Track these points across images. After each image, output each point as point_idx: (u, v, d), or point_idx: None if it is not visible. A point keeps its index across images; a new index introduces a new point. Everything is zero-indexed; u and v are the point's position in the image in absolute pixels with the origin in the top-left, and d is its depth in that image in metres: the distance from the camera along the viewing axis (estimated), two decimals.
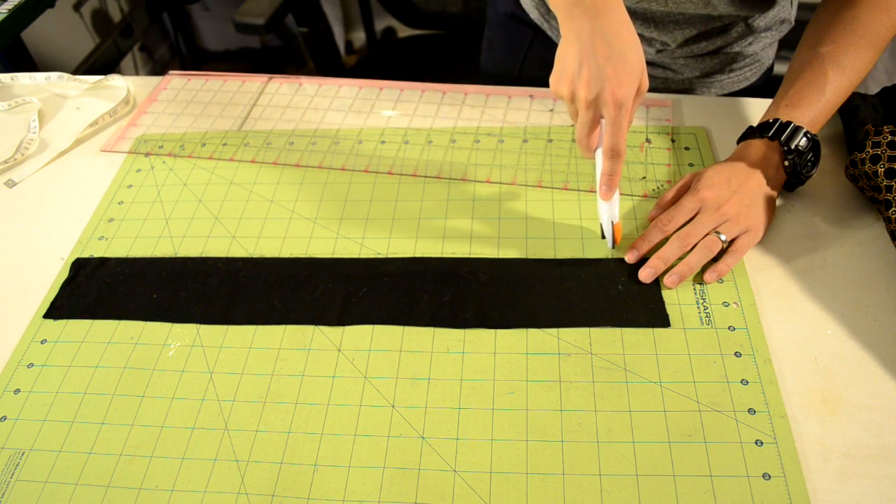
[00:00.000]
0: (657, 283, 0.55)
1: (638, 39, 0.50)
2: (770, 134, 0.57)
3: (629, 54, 0.49)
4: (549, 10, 0.78)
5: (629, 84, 0.49)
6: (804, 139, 0.56)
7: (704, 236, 0.55)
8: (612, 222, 0.55)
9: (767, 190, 0.56)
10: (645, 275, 0.55)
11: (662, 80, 0.80)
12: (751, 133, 0.59)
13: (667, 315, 0.53)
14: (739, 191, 0.55)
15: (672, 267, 0.55)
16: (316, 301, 0.57)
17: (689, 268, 0.54)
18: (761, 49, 0.78)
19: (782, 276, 0.55)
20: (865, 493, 0.43)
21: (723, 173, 0.57)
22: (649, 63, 0.78)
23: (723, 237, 0.54)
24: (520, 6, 0.82)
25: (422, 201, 0.64)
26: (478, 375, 0.51)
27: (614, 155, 0.52)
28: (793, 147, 0.56)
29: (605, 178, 0.53)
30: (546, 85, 0.55)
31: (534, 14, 0.80)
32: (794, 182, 0.59)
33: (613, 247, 0.57)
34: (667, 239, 0.56)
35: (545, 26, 0.81)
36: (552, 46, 0.81)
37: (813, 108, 0.57)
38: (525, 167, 0.67)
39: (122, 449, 0.49)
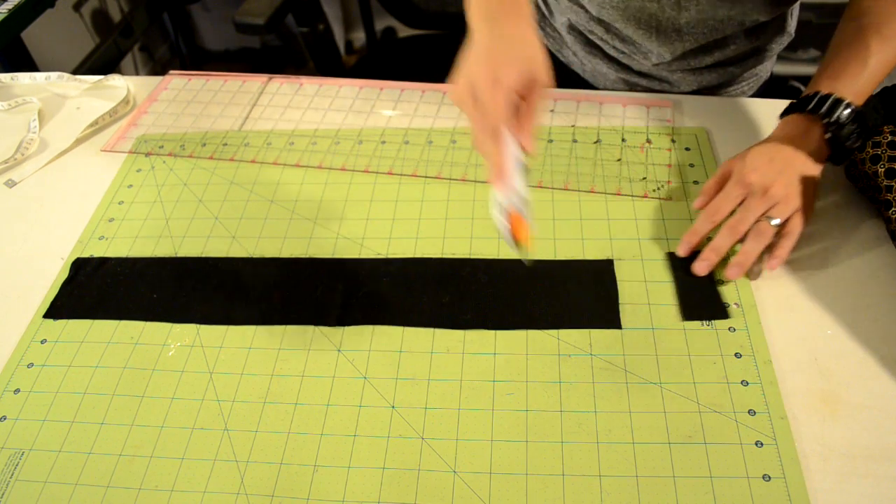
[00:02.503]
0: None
1: (537, 39, 0.48)
2: (810, 107, 0.55)
3: (519, 44, 0.47)
4: (554, 29, 0.78)
5: (509, 64, 0.45)
6: (846, 110, 0.54)
7: (756, 222, 0.53)
8: (509, 212, 0.46)
9: (812, 166, 0.55)
10: (700, 268, 0.54)
11: (658, 94, 0.80)
12: (791, 108, 0.58)
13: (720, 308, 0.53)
14: (784, 171, 0.54)
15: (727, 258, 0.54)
16: (316, 301, 0.57)
17: (746, 257, 0.53)
18: (759, 64, 0.78)
19: (782, 277, 0.55)
20: (865, 493, 0.43)
21: (765, 154, 0.55)
22: (646, 74, 0.78)
23: (774, 221, 0.53)
24: None
25: (422, 201, 0.64)
26: (478, 376, 0.51)
27: (492, 134, 0.45)
28: (834, 119, 0.54)
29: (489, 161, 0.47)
30: None
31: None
32: (840, 155, 0.57)
33: (524, 257, 0.48)
34: (716, 229, 0.55)
35: (547, 41, 0.81)
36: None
37: (856, 79, 0.56)
38: None
39: (122, 449, 0.49)
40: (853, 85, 0.56)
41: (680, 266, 0.56)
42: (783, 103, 0.70)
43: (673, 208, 0.61)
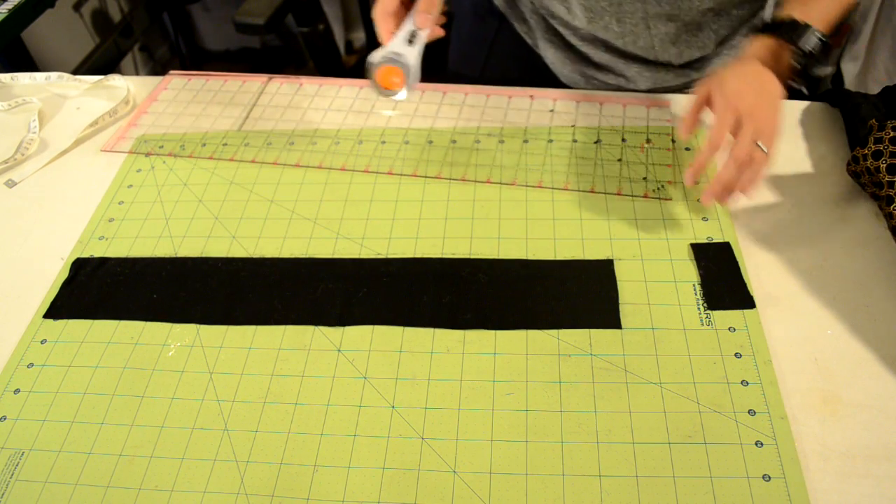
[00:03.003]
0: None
1: None
2: (783, 33, 0.58)
3: None
4: None
5: None
6: (816, 40, 0.57)
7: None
8: (379, 66, 0.58)
9: (780, 89, 0.57)
10: (707, 198, 0.56)
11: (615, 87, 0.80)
12: (763, 29, 0.60)
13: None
14: (762, 93, 0.56)
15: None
16: (316, 301, 0.57)
17: (744, 187, 0.55)
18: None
19: (782, 276, 0.55)
20: (865, 493, 0.43)
21: (742, 77, 0.57)
22: (602, 66, 0.79)
23: (765, 149, 0.55)
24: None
25: (422, 201, 0.64)
26: (478, 376, 0.51)
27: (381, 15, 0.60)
28: (803, 48, 0.57)
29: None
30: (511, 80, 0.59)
31: (498, 1, 0.80)
32: (801, 77, 0.62)
33: (387, 97, 0.60)
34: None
35: (509, 13, 0.80)
36: (517, 37, 0.82)
37: (826, 7, 0.59)
38: (525, 167, 0.66)
39: (122, 449, 0.49)
40: (822, 12, 0.58)
41: (704, 256, 0.56)
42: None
43: (673, 208, 0.61)
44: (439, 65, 0.96)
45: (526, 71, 0.82)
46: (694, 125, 0.59)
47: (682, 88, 0.79)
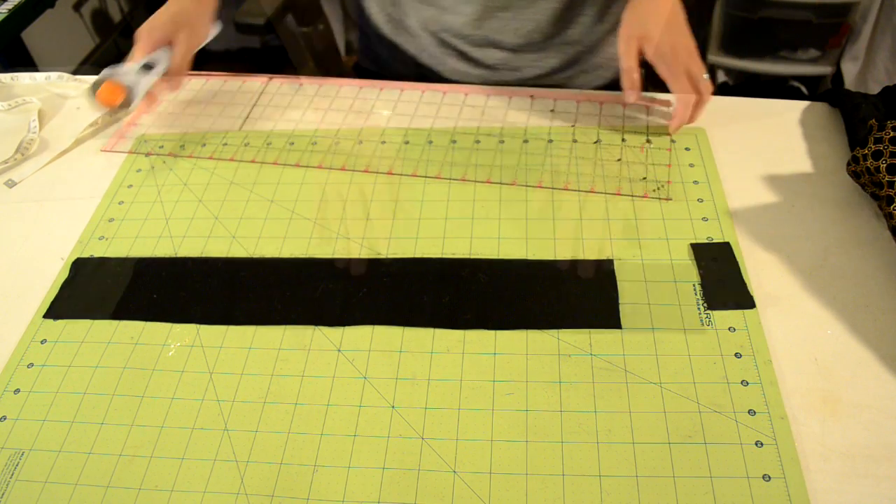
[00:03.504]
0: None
1: (207, 21, 0.73)
2: None
3: (177, 8, 0.72)
4: (400, 21, 0.82)
5: (160, 18, 0.71)
6: None
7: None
8: (102, 80, 0.66)
9: (681, 8, 0.66)
10: (675, 126, 0.68)
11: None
12: None
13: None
14: (674, 22, 0.65)
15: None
16: (316, 301, 0.57)
17: (695, 118, 0.67)
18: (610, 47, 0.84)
19: (782, 276, 0.55)
20: (865, 493, 0.43)
21: (653, 14, 0.65)
22: (490, 66, 0.83)
23: (705, 76, 0.64)
24: (373, 27, 0.86)
25: (422, 201, 0.64)
26: (477, 376, 0.51)
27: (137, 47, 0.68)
28: None
29: None
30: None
31: (387, 28, 0.84)
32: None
33: (100, 112, 0.72)
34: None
35: (399, 40, 0.85)
36: (410, 61, 0.86)
37: None
38: (525, 167, 0.66)
39: (122, 449, 0.49)
40: None
41: (704, 256, 0.56)
42: (782, 103, 0.71)
43: (673, 208, 0.61)
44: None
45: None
46: (637, 76, 0.66)
47: (566, 67, 0.84)
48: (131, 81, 0.65)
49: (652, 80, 0.69)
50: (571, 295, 0.55)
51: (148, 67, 0.66)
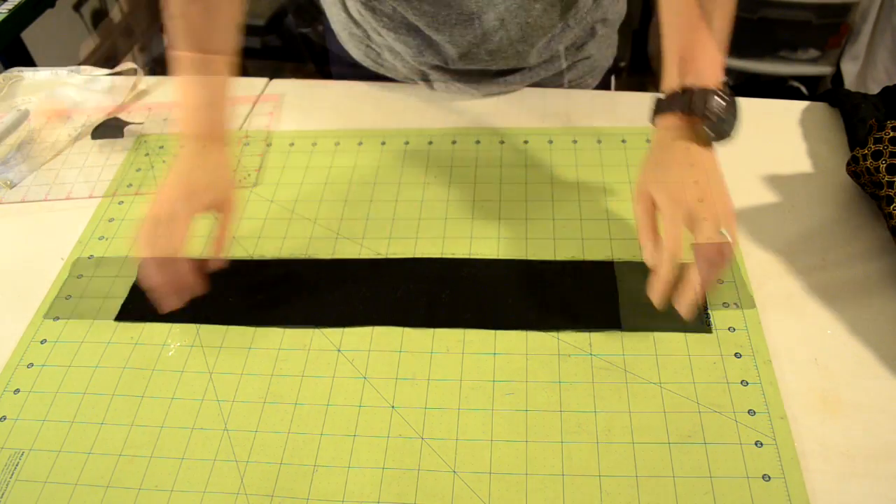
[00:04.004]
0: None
1: (230, 164, 0.58)
2: (682, 107, 0.51)
3: (214, 172, 0.56)
4: (378, 55, 0.77)
5: (199, 194, 0.55)
6: (718, 101, 0.50)
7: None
8: None
9: (714, 160, 0.52)
10: (688, 311, 0.49)
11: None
12: (663, 110, 0.53)
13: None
14: (700, 181, 0.50)
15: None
16: (316, 302, 0.57)
17: (714, 280, 0.50)
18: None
19: (782, 277, 0.55)
20: (865, 493, 0.43)
21: (673, 163, 0.51)
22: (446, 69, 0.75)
23: (729, 236, 0.49)
24: (353, 60, 0.80)
25: (422, 201, 0.64)
26: (477, 376, 0.51)
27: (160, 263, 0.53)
28: (710, 114, 0.50)
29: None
30: None
31: (367, 63, 0.79)
32: (721, 138, 0.52)
33: None
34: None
35: (381, 70, 0.79)
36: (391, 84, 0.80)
37: (709, 48, 0.52)
38: (525, 167, 0.66)
39: (122, 449, 0.49)
40: (711, 64, 0.52)
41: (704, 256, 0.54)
42: (782, 103, 0.71)
43: None
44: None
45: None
46: (655, 239, 0.51)
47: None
48: None
49: (653, 80, 0.68)
50: (572, 295, 0.55)
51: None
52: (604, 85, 0.85)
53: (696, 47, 0.53)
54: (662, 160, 0.52)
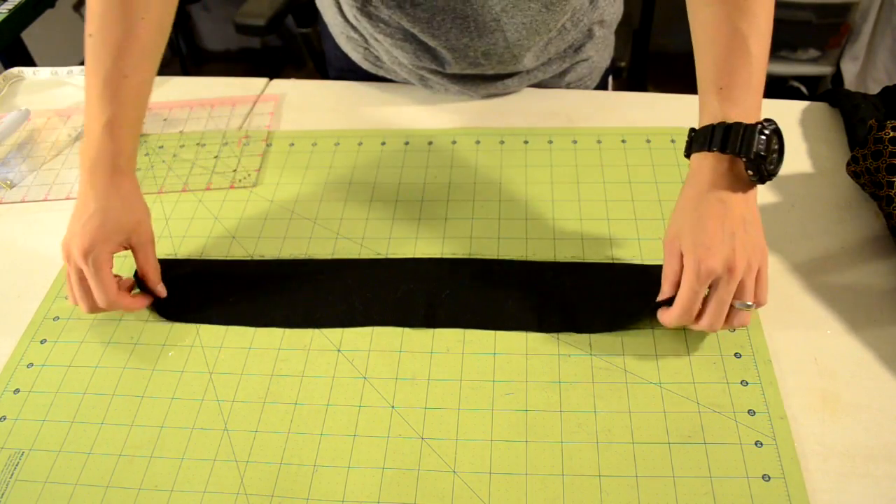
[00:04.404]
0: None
1: (139, 198, 0.56)
2: (722, 147, 0.47)
3: (122, 211, 0.54)
4: (377, 58, 0.77)
5: (110, 237, 0.53)
6: (763, 139, 0.46)
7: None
8: None
9: (751, 206, 0.49)
10: (667, 323, 0.50)
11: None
12: (700, 146, 0.49)
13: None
14: (736, 232, 0.47)
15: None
16: (316, 303, 0.57)
17: (714, 329, 0.49)
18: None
19: (782, 276, 0.55)
20: (865, 493, 0.43)
21: (708, 220, 0.47)
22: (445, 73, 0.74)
23: (748, 304, 0.47)
24: (351, 62, 0.80)
25: (422, 201, 0.64)
26: (477, 376, 0.51)
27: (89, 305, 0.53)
28: (753, 155, 0.46)
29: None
30: None
31: (365, 65, 0.79)
32: (764, 179, 0.48)
33: None
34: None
35: (381, 72, 0.79)
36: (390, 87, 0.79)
37: (750, 84, 0.48)
38: (525, 168, 0.66)
39: (122, 449, 0.49)
40: (750, 94, 0.48)
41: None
42: (782, 103, 0.71)
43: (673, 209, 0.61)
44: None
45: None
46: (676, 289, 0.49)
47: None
48: None
49: (653, 80, 0.68)
50: (572, 296, 0.55)
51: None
52: (602, 86, 0.85)
53: (734, 75, 0.48)
54: (696, 209, 0.48)
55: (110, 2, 0.53)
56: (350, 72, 0.81)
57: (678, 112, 0.71)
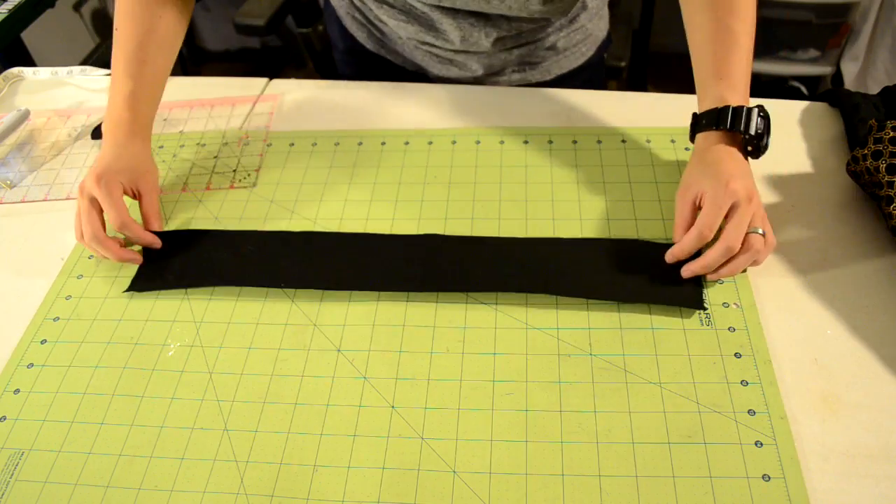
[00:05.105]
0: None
1: (148, 155, 0.64)
2: (728, 125, 0.55)
3: (131, 159, 0.62)
4: (382, 38, 0.80)
5: (117, 174, 0.59)
6: (760, 119, 0.55)
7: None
8: None
9: (750, 174, 0.55)
10: (687, 273, 0.54)
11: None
12: (708, 125, 0.57)
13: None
14: (746, 177, 0.54)
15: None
16: (320, 267, 0.58)
17: (734, 270, 0.53)
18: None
19: (782, 276, 0.55)
20: (865, 493, 0.43)
21: (722, 163, 0.54)
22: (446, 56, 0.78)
23: (760, 231, 0.52)
24: (356, 41, 0.83)
25: (422, 202, 0.64)
26: (477, 376, 0.51)
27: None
28: (752, 132, 0.55)
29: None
30: None
31: (370, 45, 0.81)
32: (757, 155, 0.57)
33: None
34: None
35: (383, 52, 0.82)
36: (397, 69, 0.83)
37: (744, 74, 0.57)
38: (525, 167, 0.66)
39: (122, 449, 0.49)
40: (744, 81, 0.57)
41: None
42: (782, 103, 0.71)
43: (673, 209, 0.61)
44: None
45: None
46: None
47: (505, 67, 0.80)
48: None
49: (653, 80, 0.68)
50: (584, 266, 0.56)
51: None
52: (598, 62, 0.86)
53: (731, 66, 0.57)
54: (710, 160, 0.55)
55: (134, 1, 0.63)
56: (354, 52, 0.83)
57: (678, 112, 0.71)
